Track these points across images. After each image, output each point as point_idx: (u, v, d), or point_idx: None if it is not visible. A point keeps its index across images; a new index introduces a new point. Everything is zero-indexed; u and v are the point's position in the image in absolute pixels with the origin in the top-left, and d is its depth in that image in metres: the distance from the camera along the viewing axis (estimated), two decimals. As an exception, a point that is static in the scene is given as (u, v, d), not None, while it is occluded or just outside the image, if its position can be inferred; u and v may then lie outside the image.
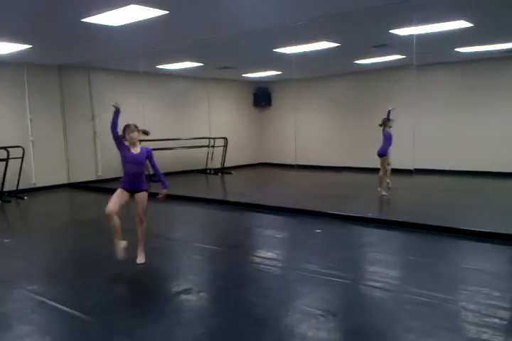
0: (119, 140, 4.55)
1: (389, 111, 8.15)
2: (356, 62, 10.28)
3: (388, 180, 8.32)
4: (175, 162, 12.33)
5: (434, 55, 9.48)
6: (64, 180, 10.74)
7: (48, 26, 6.30)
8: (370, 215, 6.32)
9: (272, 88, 14.41)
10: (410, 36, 7.05)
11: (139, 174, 4.49)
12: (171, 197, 8.60)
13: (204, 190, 10.09)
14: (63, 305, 3.53)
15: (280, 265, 4.55)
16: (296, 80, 13.51)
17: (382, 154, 8.09)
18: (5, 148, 8.82)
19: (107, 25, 6.14)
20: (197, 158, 12.81)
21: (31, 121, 10.00)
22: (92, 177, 11.10)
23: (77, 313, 3.37)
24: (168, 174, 11.87)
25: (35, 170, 10.08)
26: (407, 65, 8.92)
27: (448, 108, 11.11)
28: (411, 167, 7.66)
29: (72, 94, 10.70)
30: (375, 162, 8.46)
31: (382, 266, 4.41)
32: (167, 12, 5.52)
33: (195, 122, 13.03)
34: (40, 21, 5.97)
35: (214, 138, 12.70)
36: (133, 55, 8.77)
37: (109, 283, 4.17)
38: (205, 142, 12.59)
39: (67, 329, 3.21)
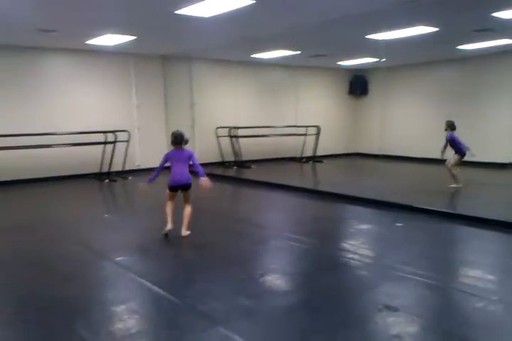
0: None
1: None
2: (459, 47, 9.60)
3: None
4: (267, 149, 12.62)
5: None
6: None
7: (146, 18, 6.78)
8: (455, 211, 5.97)
9: (368, 76, 14.00)
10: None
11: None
12: (263, 184, 8.95)
13: (293, 178, 10.16)
14: (141, 277, 3.89)
15: (367, 261, 4.50)
16: (394, 67, 13.04)
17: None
18: (113, 132, 9.69)
19: (199, 17, 6.44)
20: (288, 145, 12.95)
21: (137, 108, 10.84)
22: (189, 162, 11.75)
23: (149, 284, 3.71)
24: (260, 161, 12.33)
25: (140, 153, 10.93)
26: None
27: None
28: (506, 160, 7.01)
29: (174, 83, 11.37)
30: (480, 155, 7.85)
31: (472, 267, 4.16)
32: (254, 1, 5.65)
33: (287, 110, 13.15)
34: (140, 14, 6.44)
35: (306, 127, 12.72)
36: (228, 44, 9.06)
37: (191, 261, 4.47)
38: (297, 130, 12.65)
39: (143, 299, 3.55)
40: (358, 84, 13.96)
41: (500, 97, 10.61)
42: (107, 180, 9.61)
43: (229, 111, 11.48)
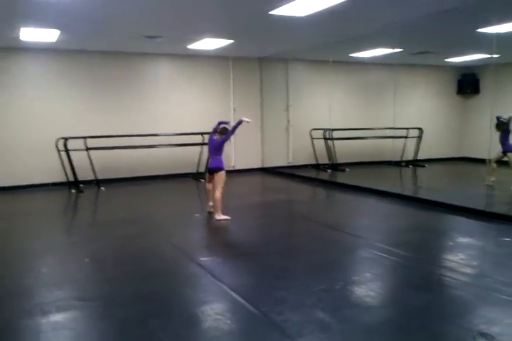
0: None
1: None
2: None
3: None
4: (364, 152, 12.14)
5: None
6: (258, 165, 11.59)
7: (241, 21, 6.82)
8: None
9: (480, 74, 12.83)
10: None
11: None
12: (357, 189, 8.61)
13: (390, 183, 9.62)
14: (221, 280, 3.88)
15: (465, 279, 4.08)
16: (509, 64, 11.80)
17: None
18: (207, 133, 9.93)
19: (294, 16, 6.32)
20: (387, 148, 12.29)
21: (234, 110, 11.03)
22: (283, 163, 11.71)
23: (228, 289, 3.67)
24: (356, 164, 11.89)
25: (234, 155, 11.12)
26: None
27: None
28: None
29: (270, 85, 11.40)
30: None
31: None
32: (349, -2, 5.41)
33: (387, 111, 12.42)
34: (235, 16, 6.49)
35: (407, 129, 12.00)
36: (325, 44, 8.84)
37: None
38: (397, 132, 11.96)
39: (219, 304, 3.52)
40: (467, 83, 12.86)
41: None
42: (203, 180, 9.90)
43: (324, 112, 11.19)
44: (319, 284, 3.72)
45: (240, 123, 6.17)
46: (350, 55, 10.48)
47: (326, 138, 11.28)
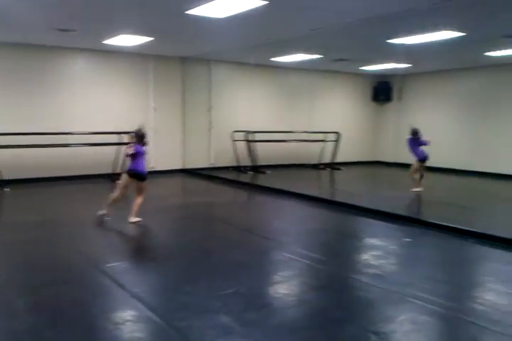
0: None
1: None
2: (487, 54, 9.14)
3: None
4: (284, 155, 12.36)
5: None
6: (179, 166, 11.40)
7: (159, 19, 6.66)
8: (467, 228, 5.56)
9: (393, 82, 13.57)
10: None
11: None
12: (276, 191, 8.72)
13: (308, 186, 9.87)
14: (124, 287, 3.72)
15: (367, 280, 4.23)
16: (420, 74, 12.61)
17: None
18: (129, 133, 9.58)
19: (212, 17, 6.27)
20: (306, 151, 12.63)
21: (154, 110, 10.76)
22: (204, 165, 11.60)
23: (129, 295, 3.53)
24: (277, 166, 12.07)
25: (155, 155, 10.83)
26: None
27: None
28: None
29: (192, 86, 11.26)
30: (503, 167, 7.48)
31: (479, 291, 3.84)
32: (266, 2, 5.45)
33: (307, 115, 12.83)
34: (151, 14, 6.31)
35: (326, 133, 12.40)
36: (246, 47, 8.88)
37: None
38: (316, 136, 12.32)
39: (120, 312, 3.37)
40: (382, 91, 13.57)
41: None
42: (119, 181, 9.53)
43: (246, 114, 11.29)
44: (226, 288, 3.70)
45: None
46: (272, 59, 10.62)
47: (247, 141, 11.35)
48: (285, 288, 3.84)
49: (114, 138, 9.61)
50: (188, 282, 3.85)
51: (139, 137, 5.94)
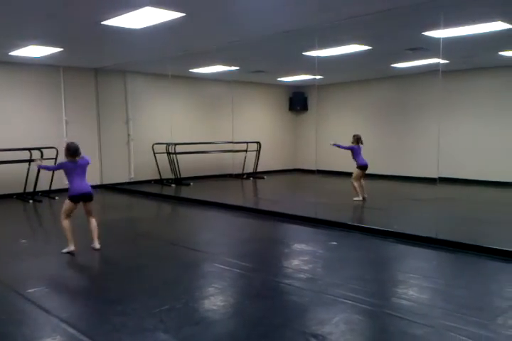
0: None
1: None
2: (393, 65, 9.86)
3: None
4: (207, 166, 12.34)
5: (475, 59, 8.96)
6: (97, 181, 10.92)
7: (71, 29, 6.40)
8: (395, 228, 5.93)
9: (308, 92, 14.14)
10: (447, 39, 6.65)
11: None
12: (201, 203, 8.66)
13: (232, 196, 9.96)
14: (50, 312, 3.48)
15: (298, 284, 4.30)
16: (332, 84, 13.25)
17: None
18: (39, 149, 9.06)
19: (128, 28, 6.15)
20: (228, 162, 12.68)
21: (66, 123, 10.26)
22: (124, 179, 11.25)
23: (57, 321, 3.31)
24: (200, 178, 12.01)
25: (70, 171, 10.30)
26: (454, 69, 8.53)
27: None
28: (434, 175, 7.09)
29: (108, 97, 10.90)
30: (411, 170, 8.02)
31: (404, 288, 4.06)
32: (183, 14, 5.45)
33: (227, 126, 12.85)
34: (64, 24, 6.06)
35: (247, 143, 12.57)
36: (163, 58, 8.79)
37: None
38: (237, 146, 12.45)
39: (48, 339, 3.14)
40: (297, 101, 14.07)
41: (429, 113, 10.95)
42: (31, 201, 8.95)
43: (166, 126, 11.10)
44: (161, 304, 3.59)
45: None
46: (190, 70, 10.61)
47: (168, 153, 11.18)
48: (220, 299, 3.80)
49: (24, 155, 9.00)
50: (120, 302, 3.69)
51: (76, 151, 5.08)
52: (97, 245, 5.26)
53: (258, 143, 12.70)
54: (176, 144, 11.13)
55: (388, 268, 4.82)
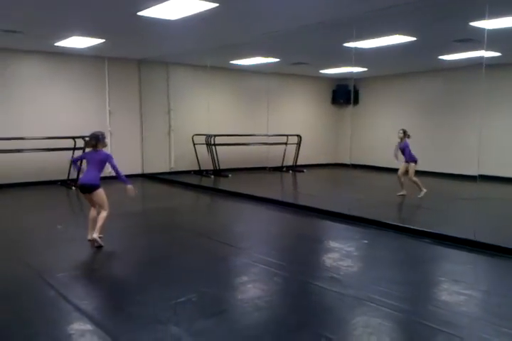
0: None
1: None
2: (441, 57, 9.38)
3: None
4: (246, 158, 12.30)
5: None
6: (138, 171, 11.15)
7: (108, 20, 6.48)
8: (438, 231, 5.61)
9: (352, 85, 13.71)
10: (497, 30, 6.24)
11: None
12: (238, 195, 8.60)
13: (269, 189, 9.80)
14: (71, 300, 3.54)
15: (324, 285, 4.18)
16: (378, 77, 12.84)
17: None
18: (82, 137, 9.30)
19: (164, 19, 6.15)
20: (268, 154, 12.56)
21: (110, 113, 10.49)
22: (165, 169, 11.41)
23: (72, 308, 3.36)
24: (239, 170, 11.97)
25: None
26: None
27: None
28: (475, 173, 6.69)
29: (150, 88, 11.06)
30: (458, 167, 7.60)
31: (437, 292, 3.85)
32: (217, 5, 5.38)
33: (268, 118, 12.71)
34: (100, 15, 6.13)
35: (287, 135, 12.42)
36: (203, 49, 8.78)
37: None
38: (277, 139, 12.32)
39: (63, 328, 3.19)
40: (341, 94, 13.72)
41: (473, 108, 10.35)
42: (74, 188, 9.23)
43: (206, 118, 11.15)
44: (178, 296, 3.57)
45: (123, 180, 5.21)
46: (231, 61, 10.56)
47: (208, 144, 11.23)
48: (239, 294, 3.75)
49: (69, 143, 9.29)
50: (138, 292, 3.71)
51: (91, 140, 5.04)
52: (89, 236, 5.02)
53: (298, 136, 12.52)
54: (215, 136, 11.16)
55: (421, 271, 4.55)
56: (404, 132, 8.20)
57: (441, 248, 5.22)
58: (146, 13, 5.79)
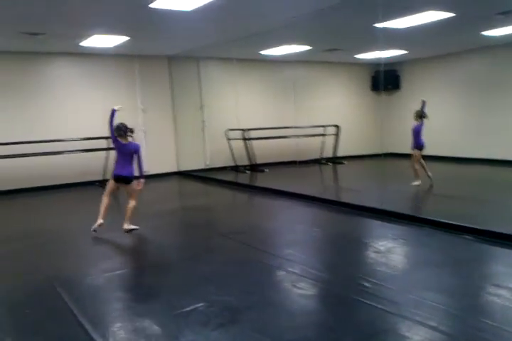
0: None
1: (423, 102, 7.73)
2: (484, 33, 8.60)
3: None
4: (283, 151, 11.91)
5: None
6: (174, 169, 11.08)
7: (122, 15, 6.27)
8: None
9: (395, 69, 13.00)
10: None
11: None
12: (274, 191, 8.14)
13: (306, 183, 9.26)
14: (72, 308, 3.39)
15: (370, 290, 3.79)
16: (420, 59, 12.09)
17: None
18: (106, 138, 9.29)
19: (179, 10, 5.91)
20: (305, 147, 12.14)
21: (143, 112, 10.45)
22: (200, 166, 11.26)
23: (72, 317, 3.19)
24: (276, 164, 11.60)
25: (147, 159, 10.51)
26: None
27: None
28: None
29: (182, 84, 10.93)
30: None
31: (484, 301, 3.32)
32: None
33: (303, 110, 12.26)
34: (113, 9, 5.92)
35: (324, 126, 11.94)
36: (229, 41, 8.50)
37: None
38: (314, 130, 11.86)
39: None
40: (383, 79, 12.95)
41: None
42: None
43: (240, 112, 10.89)
44: (184, 305, 3.32)
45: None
46: (261, 52, 10.21)
47: (243, 139, 10.96)
48: (246, 304, 3.38)
49: (103, 144, 9.33)
50: (145, 300, 3.50)
51: (118, 131, 5.38)
52: (125, 226, 5.36)
53: (337, 126, 12.01)
54: (249, 130, 10.88)
55: (465, 274, 3.95)
56: (418, 114, 7.73)
57: (486, 246, 4.63)
58: (157, 5, 5.57)
